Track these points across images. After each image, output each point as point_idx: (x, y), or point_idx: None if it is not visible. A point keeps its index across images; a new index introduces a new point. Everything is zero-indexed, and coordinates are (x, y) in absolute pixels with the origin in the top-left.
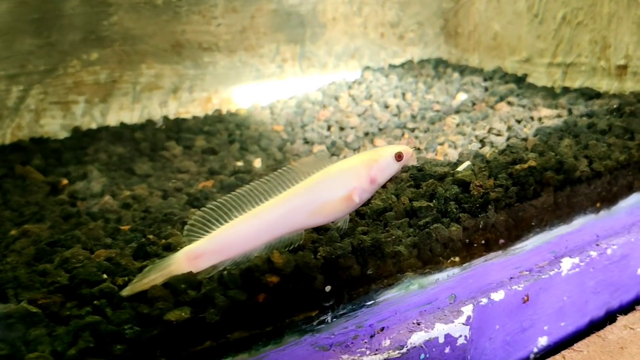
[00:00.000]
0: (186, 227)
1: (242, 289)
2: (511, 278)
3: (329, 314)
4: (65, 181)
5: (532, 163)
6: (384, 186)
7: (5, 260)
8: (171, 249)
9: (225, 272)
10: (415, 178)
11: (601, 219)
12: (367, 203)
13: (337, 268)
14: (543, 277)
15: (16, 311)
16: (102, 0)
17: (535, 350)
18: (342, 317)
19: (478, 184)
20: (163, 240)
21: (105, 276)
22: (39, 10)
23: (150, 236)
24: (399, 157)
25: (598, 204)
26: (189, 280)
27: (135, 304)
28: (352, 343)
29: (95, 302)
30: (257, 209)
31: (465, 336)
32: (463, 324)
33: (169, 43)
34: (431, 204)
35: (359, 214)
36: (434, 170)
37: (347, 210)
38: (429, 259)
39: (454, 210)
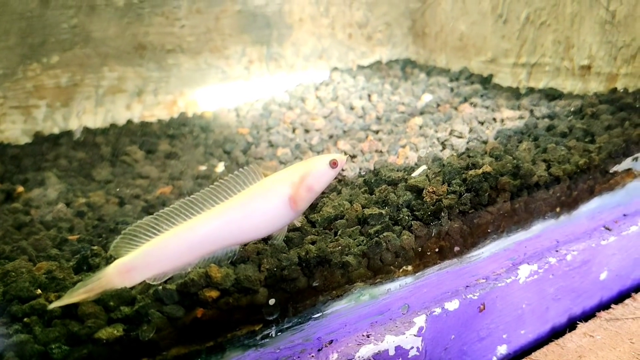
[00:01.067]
0: (115, 241)
1: (179, 304)
2: (467, 286)
3: (274, 327)
4: (20, 188)
5: (487, 168)
6: (339, 192)
7: None
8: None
9: (161, 287)
10: (369, 184)
11: (561, 224)
12: (318, 210)
13: (282, 280)
14: (499, 285)
15: None
16: (62, 3)
17: (495, 359)
18: (288, 331)
19: (431, 190)
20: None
21: (39, 291)
22: None
23: (95, 247)
24: (333, 164)
25: (558, 209)
26: (122, 296)
27: (67, 321)
28: (298, 357)
29: (25, 319)
30: (191, 222)
31: (418, 347)
32: (415, 335)
33: (131, 45)
34: (383, 211)
35: (310, 221)
36: (388, 176)
37: (284, 221)
38: (379, 269)
39: (406, 217)
